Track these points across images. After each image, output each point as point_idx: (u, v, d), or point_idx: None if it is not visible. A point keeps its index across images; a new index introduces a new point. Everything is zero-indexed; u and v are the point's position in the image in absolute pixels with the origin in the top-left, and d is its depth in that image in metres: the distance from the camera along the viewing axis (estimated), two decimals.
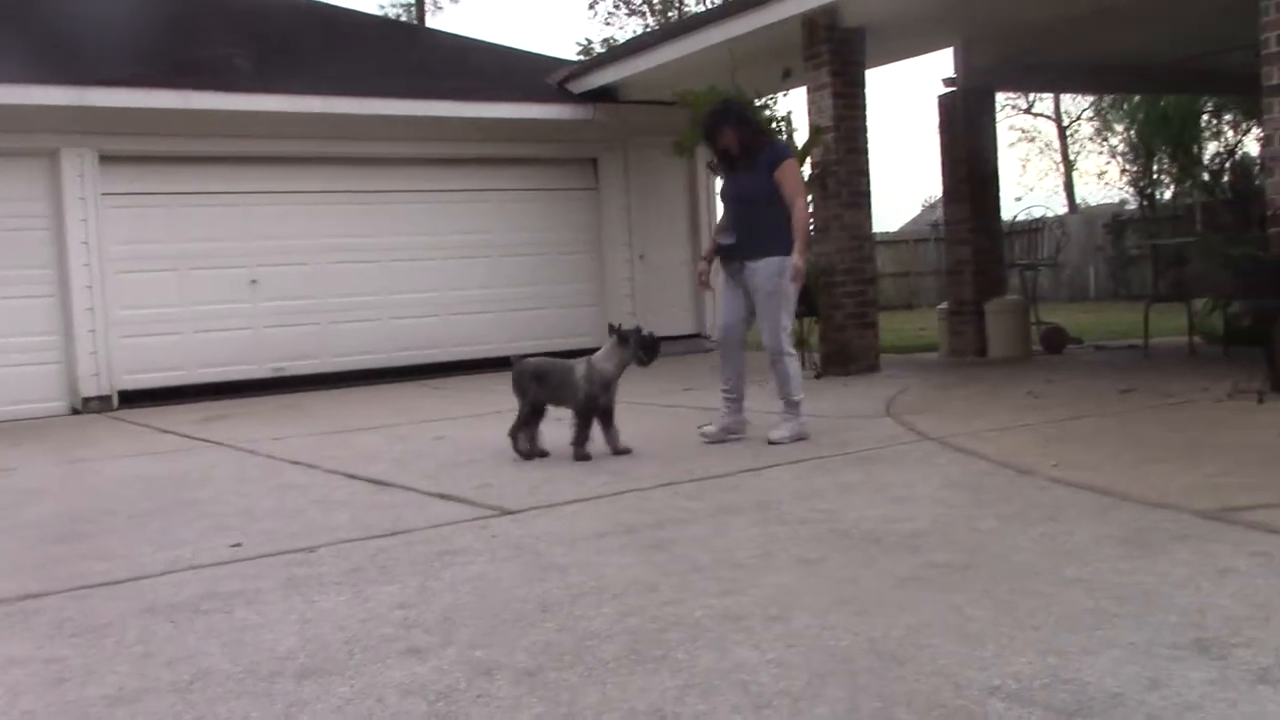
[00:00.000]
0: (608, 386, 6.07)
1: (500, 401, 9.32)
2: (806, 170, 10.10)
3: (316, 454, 6.84)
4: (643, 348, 6.13)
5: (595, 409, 6.04)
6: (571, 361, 6.25)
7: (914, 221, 40.54)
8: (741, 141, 6.36)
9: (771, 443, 6.17)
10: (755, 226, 6.30)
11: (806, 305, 9.93)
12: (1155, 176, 26.72)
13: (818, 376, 9.84)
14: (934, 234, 26.20)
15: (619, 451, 6.07)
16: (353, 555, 4.11)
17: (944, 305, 11.95)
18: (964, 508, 4.31)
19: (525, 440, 6.14)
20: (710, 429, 6.53)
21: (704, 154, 13.13)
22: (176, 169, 11.22)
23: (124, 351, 10.94)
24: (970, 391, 8.27)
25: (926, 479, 4.95)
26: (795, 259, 6.20)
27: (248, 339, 11.58)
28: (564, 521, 4.51)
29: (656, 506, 4.68)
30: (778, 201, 6.26)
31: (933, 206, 38.15)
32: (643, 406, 8.30)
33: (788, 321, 6.33)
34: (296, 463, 6.56)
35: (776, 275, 6.23)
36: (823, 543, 3.88)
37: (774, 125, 10.69)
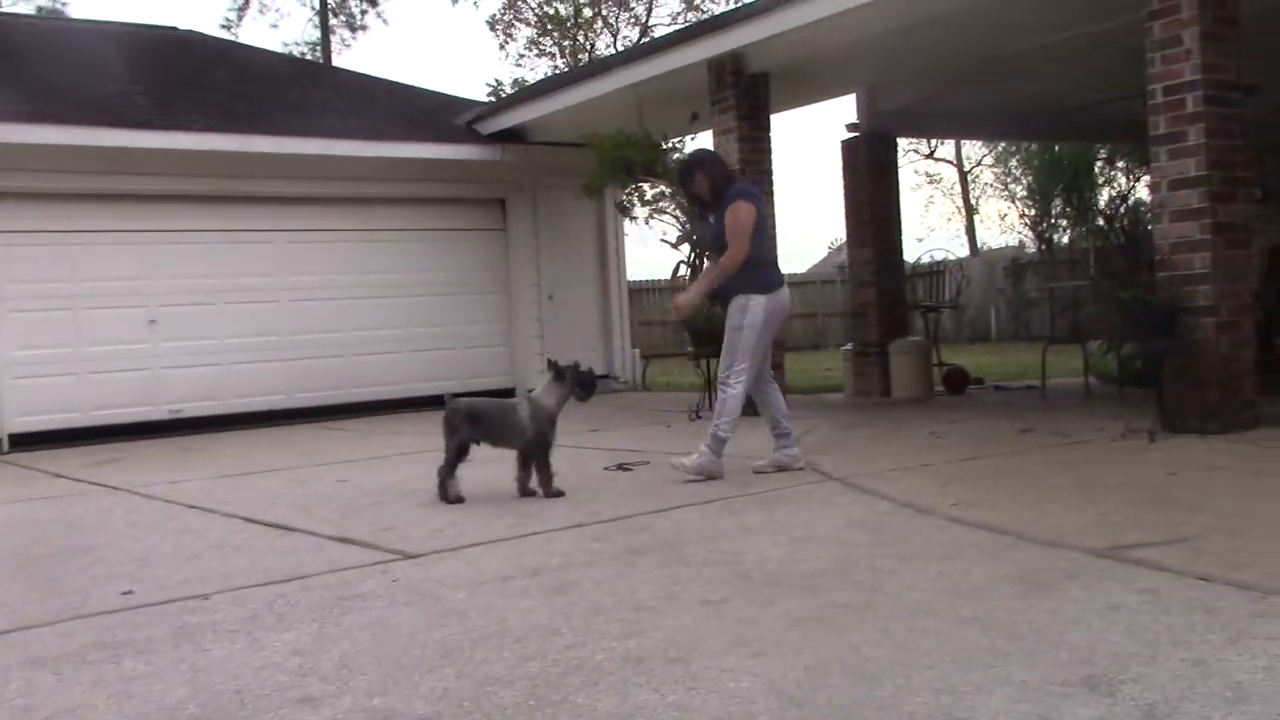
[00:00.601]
0: (552, 422, 6.07)
1: (405, 443, 9.25)
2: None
3: (214, 498, 6.70)
4: (579, 384, 6.15)
5: (548, 444, 6.03)
6: (511, 401, 6.24)
7: (821, 263, 41.20)
8: (712, 186, 6.49)
9: (672, 465, 6.33)
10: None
11: (713, 345, 10.03)
12: (1053, 221, 27.50)
13: None
14: (840, 276, 26.62)
15: (526, 493, 6.04)
16: (249, 602, 4.02)
17: (849, 346, 12.13)
18: (864, 547, 4.36)
19: (454, 486, 6.07)
20: (762, 464, 6.55)
21: (613, 195, 13.24)
22: (75, 206, 10.97)
23: (16, 392, 10.63)
24: (874, 431, 8.38)
25: (828, 519, 5.00)
26: (685, 294, 6.46)
27: (145, 380, 11.32)
28: (467, 565, 4.47)
29: (562, 549, 4.66)
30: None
31: (839, 249, 38.82)
32: None
33: (743, 357, 6.34)
34: (193, 507, 6.42)
35: (740, 312, 6.35)
36: (725, 584, 3.89)
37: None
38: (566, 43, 32.25)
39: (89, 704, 2.99)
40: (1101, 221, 21.61)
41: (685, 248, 10.31)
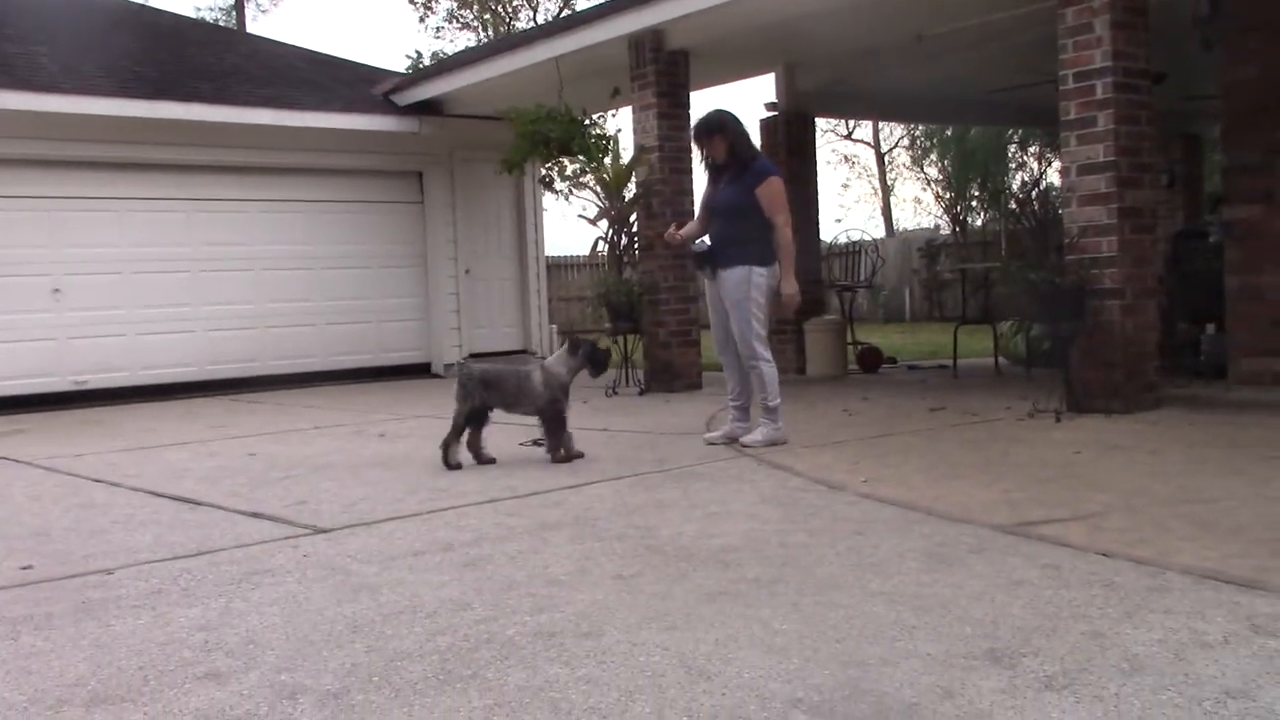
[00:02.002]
0: (565, 390, 6.20)
1: (319, 417, 9.14)
2: (631, 190, 10.22)
3: (120, 471, 6.56)
4: (592, 360, 6.30)
5: (561, 411, 6.15)
6: (525, 368, 6.33)
7: None
8: (731, 151, 6.47)
9: (744, 446, 6.35)
10: (729, 237, 6.46)
11: (631, 322, 10.05)
12: (967, 204, 27.94)
13: (641, 393, 9.93)
14: None
15: (564, 462, 6.14)
16: (153, 577, 3.95)
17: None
18: (775, 523, 4.40)
19: (457, 452, 6.12)
20: (714, 435, 6.68)
21: (533, 169, 13.17)
22: None
23: None
24: (788, 409, 8.42)
25: (741, 495, 5.04)
26: (786, 288, 6.38)
27: (49, 350, 11.05)
28: (379, 539, 4.43)
29: (475, 524, 4.64)
30: (754, 215, 6.38)
31: None
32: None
33: (761, 328, 6.41)
34: (98, 480, 6.28)
35: (745, 284, 6.36)
36: (638, 559, 3.90)
37: (601, 142, 10.79)
38: (487, 16, 31.91)
39: None
40: (1013, 205, 22.03)
41: (603, 224, 10.31)
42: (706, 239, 6.64)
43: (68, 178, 11.12)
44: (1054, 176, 23.67)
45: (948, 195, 29.30)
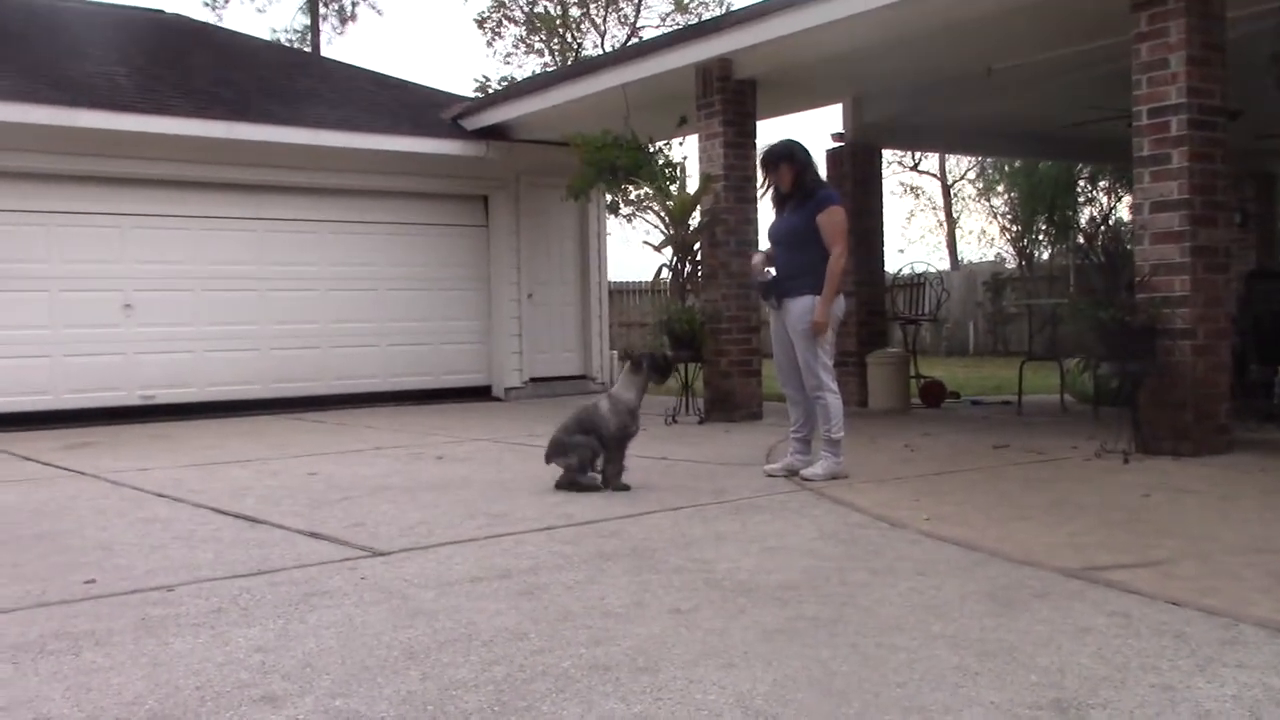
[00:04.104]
0: (633, 414, 6.21)
1: (378, 438, 9.20)
2: (696, 218, 10.21)
3: (184, 487, 6.63)
4: (655, 369, 6.35)
5: (627, 437, 6.20)
6: (593, 401, 6.37)
7: None
8: (797, 180, 6.48)
9: (804, 479, 6.30)
10: (792, 265, 6.46)
11: (692, 350, 10.02)
12: (1034, 237, 27.62)
13: (700, 422, 9.89)
14: None
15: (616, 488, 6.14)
16: (214, 595, 3.97)
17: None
18: (836, 560, 4.34)
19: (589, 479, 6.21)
20: (774, 467, 6.64)
21: (598, 194, 13.21)
22: (54, 187, 10.89)
23: None
24: (849, 442, 8.34)
25: (801, 529, 4.98)
26: (816, 314, 6.31)
27: (118, 364, 11.23)
28: (436, 564, 4.42)
29: (532, 551, 4.62)
30: (815, 244, 6.35)
31: None
32: (517, 447, 8.24)
33: (827, 358, 6.40)
34: (161, 495, 6.35)
35: (808, 314, 6.34)
36: (695, 593, 3.86)
37: (669, 170, 10.80)
38: (555, 42, 32.16)
39: (45, 695, 2.94)
40: (1081, 240, 21.76)
41: (668, 251, 10.29)
42: (772, 269, 6.61)
43: (142, 195, 11.31)
44: (1124, 211, 23.38)
45: (1014, 228, 29.01)
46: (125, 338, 11.27)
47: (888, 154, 24.49)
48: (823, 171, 8.48)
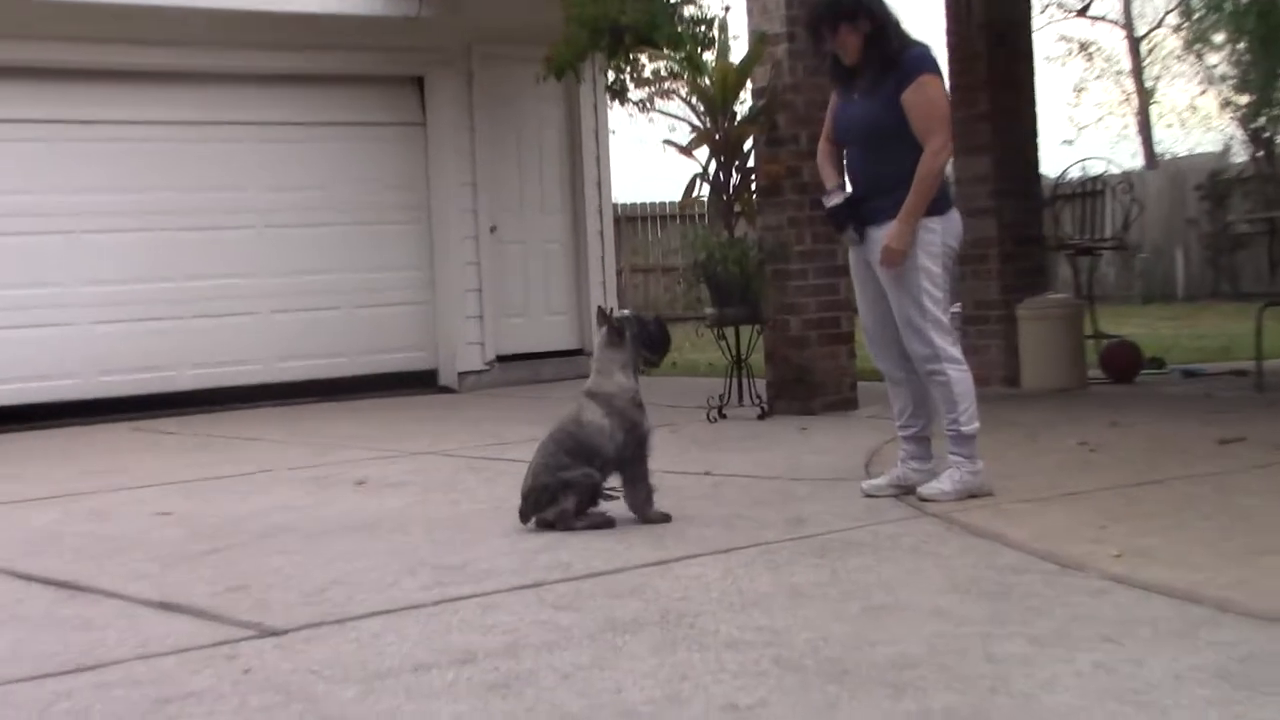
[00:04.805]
0: (639, 404, 6.24)
1: (265, 455, 9.22)
2: (745, 101, 10.17)
3: None
4: (646, 344, 6.36)
5: (645, 441, 6.24)
6: (569, 412, 6.35)
7: None
8: (868, 45, 6.32)
9: (924, 499, 6.30)
10: (878, 176, 6.39)
11: (747, 307, 9.97)
12: (1276, 113, 27.40)
13: (762, 416, 9.88)
14: None
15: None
16: (12, 708, 3.96)
17: (956, 308, 12.10)
18: (977, 623, 4.32)
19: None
20: (878, 483, 6.62)
21: (594, 74, 13.13)
22: None
23: None
24: (993, 441, 8.32)
25: (921, 577, 4.98)
26: (893, 228, 6.19)
27: None
28: (359, 647, 4.42)
29: (508, 621, 4.62)
30: (906, 138, 6.28)
31: None
32: (479, 463, 8.25)
33: (940, 312, 6.35)
34: None
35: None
36: (762, 678, 3.85)
37: (699, 28, 10.76)
38: None
39: None
40: None
41: (703, 154, 10.23)
42: (845, 185, 6.54)
43: None
44: None
45: (1244, 100, 28.86)
46: None
47: None
48: (939, 24, 8.36)
